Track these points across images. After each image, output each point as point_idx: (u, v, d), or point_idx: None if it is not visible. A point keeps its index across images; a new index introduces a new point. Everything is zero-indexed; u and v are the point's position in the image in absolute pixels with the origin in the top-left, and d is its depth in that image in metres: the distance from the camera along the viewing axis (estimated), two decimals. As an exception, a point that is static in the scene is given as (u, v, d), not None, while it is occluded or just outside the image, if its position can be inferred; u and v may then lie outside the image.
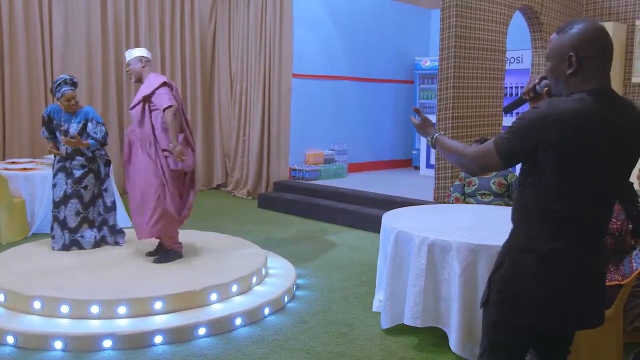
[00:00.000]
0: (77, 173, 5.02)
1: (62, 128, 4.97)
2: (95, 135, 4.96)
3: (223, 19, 9.41)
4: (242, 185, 9.10)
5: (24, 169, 6.26)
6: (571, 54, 1.83)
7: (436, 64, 7.27)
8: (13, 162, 6.72)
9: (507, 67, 8.08)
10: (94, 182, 5.09)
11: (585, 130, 1.79)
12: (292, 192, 8.28)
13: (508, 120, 7.52)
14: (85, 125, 4.98)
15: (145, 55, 4.65)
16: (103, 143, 5.03)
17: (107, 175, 5.21)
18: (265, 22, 8.74)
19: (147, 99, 4.47)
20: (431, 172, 7.81)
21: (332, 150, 9.29)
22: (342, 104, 9.58)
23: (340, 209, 7.26)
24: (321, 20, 9.19)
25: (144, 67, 4.60)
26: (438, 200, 6.52)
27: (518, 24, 7.73)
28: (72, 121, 4.98)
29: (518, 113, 2.37)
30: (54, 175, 5.05)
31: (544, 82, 2.06)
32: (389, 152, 10.47)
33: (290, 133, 8.75)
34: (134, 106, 4.54)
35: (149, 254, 4.73)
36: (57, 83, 4.90)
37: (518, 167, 2.00)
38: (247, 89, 9.06)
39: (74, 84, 4.97)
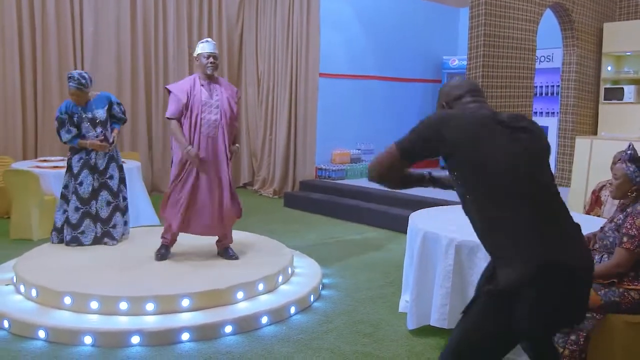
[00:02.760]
0: (101, 165, 5.09)
1: (88, 116, 5.02)
2: (120, 115, 5.21)
3: (250, 18, 9.45)
4: (268, 185, 9.14)
5: (55, 167, 6.37)
6: (443, 103, 2.27)
7: (464, 62, 7.21)
8: (44, 160, 6.85)
9: (537, 66, 7.96)
10: (117, 170, 5.20)
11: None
12: (318, 191, 8.28)
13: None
14: (110, 109, 5.12)
15: None
16: (125, 120, 5.31)
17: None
18: (292, 21, 8.76)
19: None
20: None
21: (359, 149, 9.26)
22: (369, 104, 9.55)
23: (366, 208, 7.23)
24: (348, 19, 9.17)
25: None
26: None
27: (549, 21, 7.61)
28: (96, 108, 5.06)
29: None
30: (78, 174, 5.05)
31: None
32: (415, 152, 10.38)
33: (317, 132, 8.76)
34: (234, 110, 4.61)
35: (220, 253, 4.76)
36: (68, 77, 4.99)
37: None
38: (274, 89, 9.09)
39: (79, 83, 4.92)
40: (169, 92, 4.58)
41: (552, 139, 8.48)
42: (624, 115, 7.80)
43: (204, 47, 4.55)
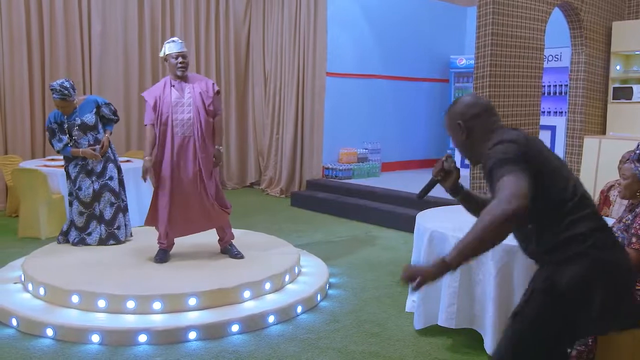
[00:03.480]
0: (99, 167, 5.08)
1: (77, 124, 4.99)
2: (110, 115, 5.16)
3: (257, 18, 9.46)
4: (275, 184, 9.14)
5: (63, 166, 6.39)
6: (459, 122, 2.13)
7: (472, 62, 7.17)
8: (52, 160, 6.88)
9: (545, 65, 7.92)
10: (116, 171, 5.19)
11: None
12: (325, 191, 8.28)
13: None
14: (98, 112, 5.08)
15: None
16: (117, 119, 5.29)
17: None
18: (299, 20, 8.76)
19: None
20: (466, 172, 7.69)
21: (366, 149, 9.25)
22: (376, 103, 9.53)
23: (373, 208, 7.22)
24: (355, 19, 9.16)
25: None
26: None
27: (557, 20, 7.57)
28: (83, 114, 5.02)
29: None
30: (75, 179, 5.05)
31: (450, 159, 2.32)
32: (423, 151, 10.38)
33: (324, 132, 8.75)
34: (210, 104, 4.51)
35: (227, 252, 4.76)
36: (50, 89, 4.94)
37: None
38: (281, 88, 9.09)
39: (62, 94, 4.90)
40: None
41: (560, 138, 8.44)
42: (633, 114, 7.74)
43: (171, 47, 4.44)
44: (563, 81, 8.54)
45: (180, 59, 4.42)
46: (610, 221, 3.49)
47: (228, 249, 4.73)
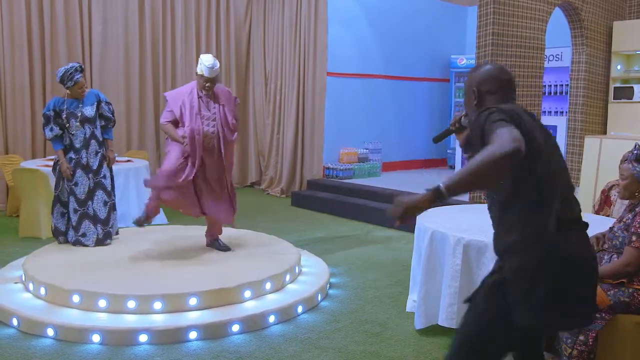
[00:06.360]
0: (95, 164, 5.04)
1: (77, 114, 4.97)
2: (108, 114, 5.12)
3: (258, 17, 9.46)
4: (276, 184, 9.15)
5: (54, 160, 6.39)
6: (474, 88, 2.19)
7: (472, 62, 7.17)
8: (53, 159, 6.87)
9: (546, 64, 7.92)
10: (109, 169, 5.17)
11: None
12: (325, 190, 8.28)
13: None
14: (98, 107, 5.06)
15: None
16: (114, 121, 5.23)
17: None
18: (300, 20, 8.76)
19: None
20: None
21: (366, 149, 9.25)
22: (377, 103, 9.53)
23: (374, 208, 7.22)
24: (356, 19, 9.16)
25: None
26: (474, 200, 6.43)
27: (558, 20, 7.57)
28: (84, 105, 5.00)
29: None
30: (72, 174, 5.01)
31: (466, 117, 2.42)
32: (423, 151, 10.38)
33: (324, 131, 8.76)
34: (232, 117, 4.70)
35: (217, 246, 4.89)
36: (69, 72, 4.88)
37: None
38: (282, 88, 9.10)
39: (82, 71, 4.98)
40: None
41: (561, 138, 8.44)
42: (633, 114, 7.74)
43: (203, 70, 4.47)
44: (564, 81, 8.53)
45: (208, 84, 4.51)
46: (611, 221, 3.49)
47: (214, 243, 4.83)
